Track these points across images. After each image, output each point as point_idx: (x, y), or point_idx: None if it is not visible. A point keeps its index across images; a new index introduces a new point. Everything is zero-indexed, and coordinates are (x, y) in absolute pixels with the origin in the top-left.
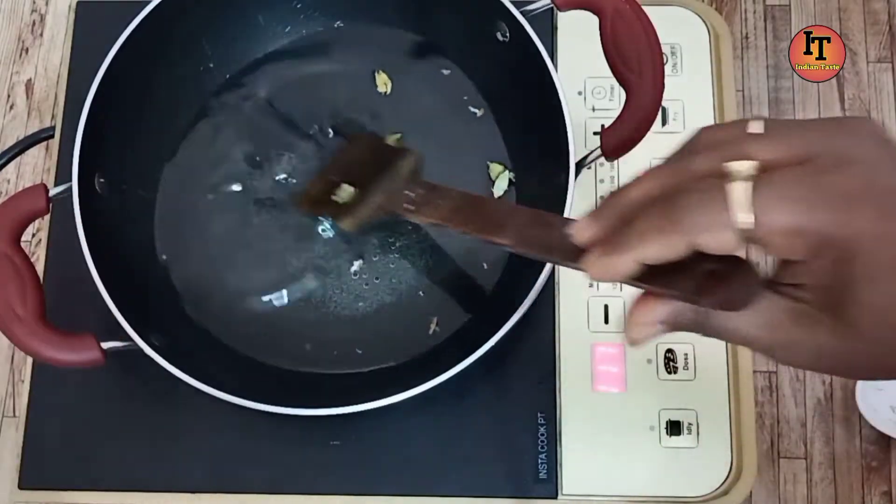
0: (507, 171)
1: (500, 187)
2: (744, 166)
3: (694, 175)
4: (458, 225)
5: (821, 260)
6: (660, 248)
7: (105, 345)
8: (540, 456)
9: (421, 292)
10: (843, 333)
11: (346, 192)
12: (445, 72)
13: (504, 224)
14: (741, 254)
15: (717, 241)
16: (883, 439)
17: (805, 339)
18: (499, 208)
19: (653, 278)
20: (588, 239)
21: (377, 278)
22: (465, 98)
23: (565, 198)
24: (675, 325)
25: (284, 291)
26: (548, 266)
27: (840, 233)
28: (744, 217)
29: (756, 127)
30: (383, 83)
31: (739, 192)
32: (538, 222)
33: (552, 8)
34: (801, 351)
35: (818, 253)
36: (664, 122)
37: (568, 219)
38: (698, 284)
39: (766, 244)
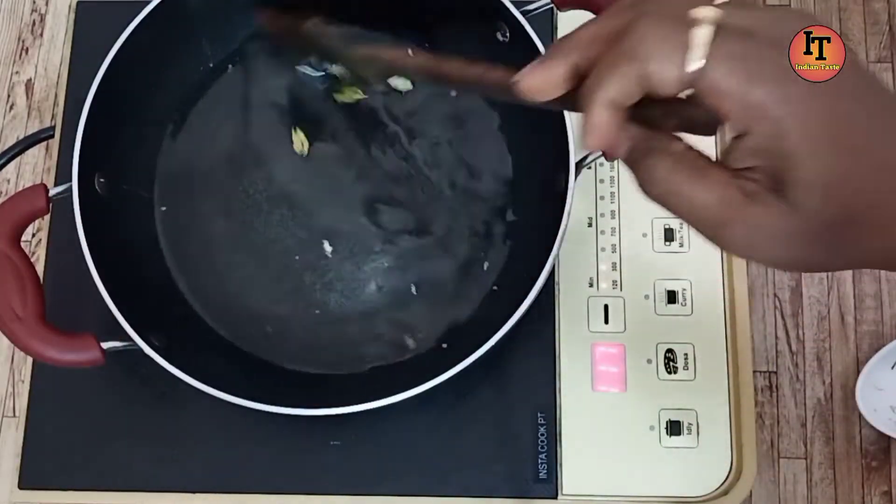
0: None
1: None
2: (711, 13)
3: (655, 14)
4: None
5: (756, 135)
6: (619, 82)
7: (105, 345)
8: (540, 456)
9: (420, 292)
10: (791, 215)
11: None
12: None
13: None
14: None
15: (667, 78)
16: (883, 439)
17: (758, 221)
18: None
19: None
20: (536, 89)
21: (377, 278)
22: (465, 100)
23: (565, 198)
24: (619, 119)
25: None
26: (548, 266)
27: (774, 105)
28: (696, 62)
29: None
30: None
31: (700, 37)
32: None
33: (552, 8)
34: (752, 233)
35: (750, 123)
36: None
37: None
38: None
39: (705, 96)
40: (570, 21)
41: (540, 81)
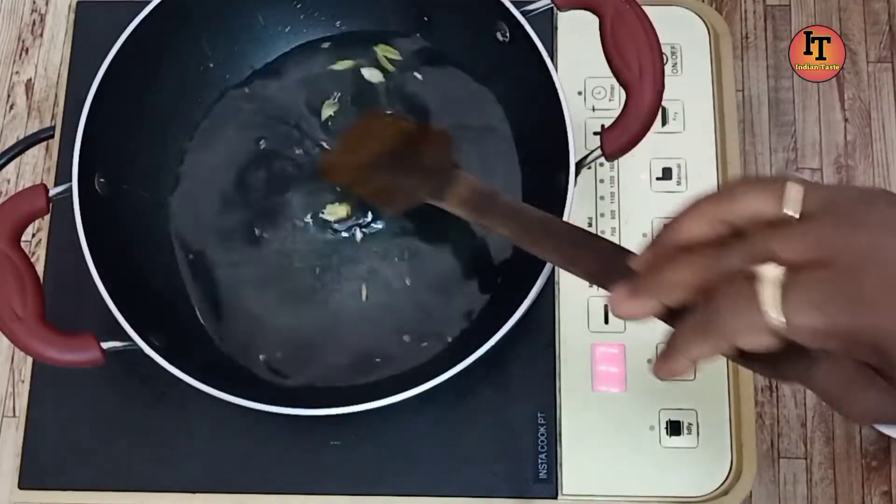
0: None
1: None
2: (771, 272)
3: (727, 271)
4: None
5: (858, 352)
6: (709, 350)
7: (105, 345)
8: (540, 456)
9: (419, 294)
10: None
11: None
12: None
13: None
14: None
15: (756, 343)
16: (883, 439)
17: (874, 401)
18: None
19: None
20: (626, 316)
21: (377, 280)
22: (466, 99)
23: (565, 198)
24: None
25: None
26: (548, 266)
27: (865, 332)
28: (776, 318)
29: (791, 206)
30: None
31: (768, 297)
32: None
33: (552, 8)
34: (868, 409)
35: (852, 348)
36: (664, 122)
37: (625, 254)
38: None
39: (802, 342)
40: (570, 21)
41: (630, 313)
